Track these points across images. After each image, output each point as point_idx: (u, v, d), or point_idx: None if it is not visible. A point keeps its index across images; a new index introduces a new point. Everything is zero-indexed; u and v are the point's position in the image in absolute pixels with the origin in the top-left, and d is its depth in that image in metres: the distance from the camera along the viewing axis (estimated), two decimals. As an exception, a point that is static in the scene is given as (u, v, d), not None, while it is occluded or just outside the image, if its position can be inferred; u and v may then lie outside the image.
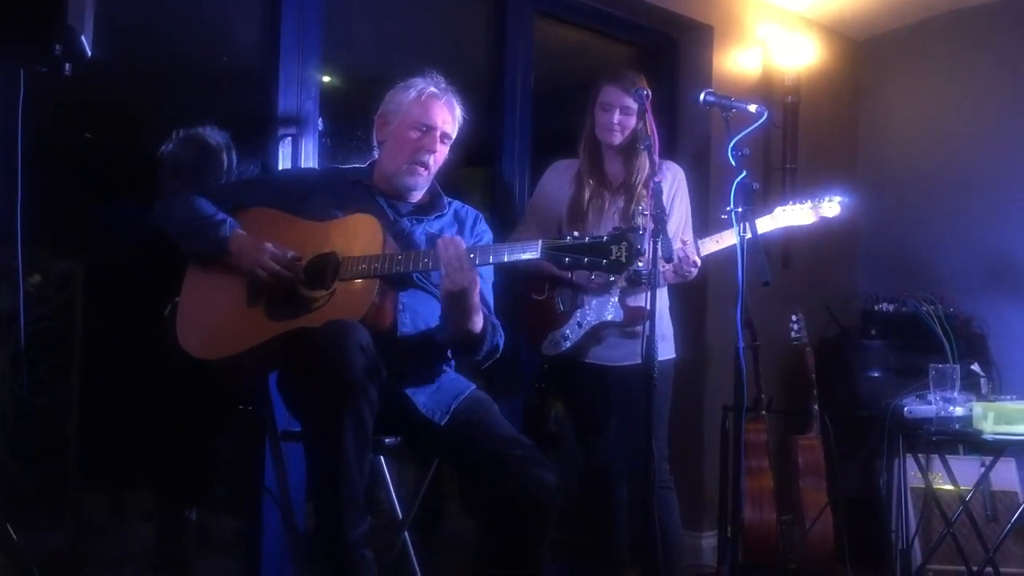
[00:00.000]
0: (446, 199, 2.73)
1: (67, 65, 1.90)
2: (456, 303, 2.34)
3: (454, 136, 2.68)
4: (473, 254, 2.33)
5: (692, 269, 3.02)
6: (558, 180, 3.28)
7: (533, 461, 2.34)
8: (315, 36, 3.24)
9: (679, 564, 3.34)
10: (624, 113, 3.09)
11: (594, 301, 3.15)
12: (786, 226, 3.18)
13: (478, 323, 2.41)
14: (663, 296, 3.22)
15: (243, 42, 3.29)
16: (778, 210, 3.17)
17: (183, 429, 3.15)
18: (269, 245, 2.41)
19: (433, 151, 2.61)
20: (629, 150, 3.14)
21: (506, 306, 2.94)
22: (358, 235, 2.43)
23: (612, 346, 3.17)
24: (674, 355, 3.25)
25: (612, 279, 2.67)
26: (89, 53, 1.91)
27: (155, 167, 3.05)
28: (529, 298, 3.26)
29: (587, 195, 3.17)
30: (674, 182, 3.22)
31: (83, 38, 1.88)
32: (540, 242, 2.27)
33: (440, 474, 2.74)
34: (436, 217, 2.68)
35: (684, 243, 3.01)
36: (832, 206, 3.16)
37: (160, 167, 3.06)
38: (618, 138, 3.13)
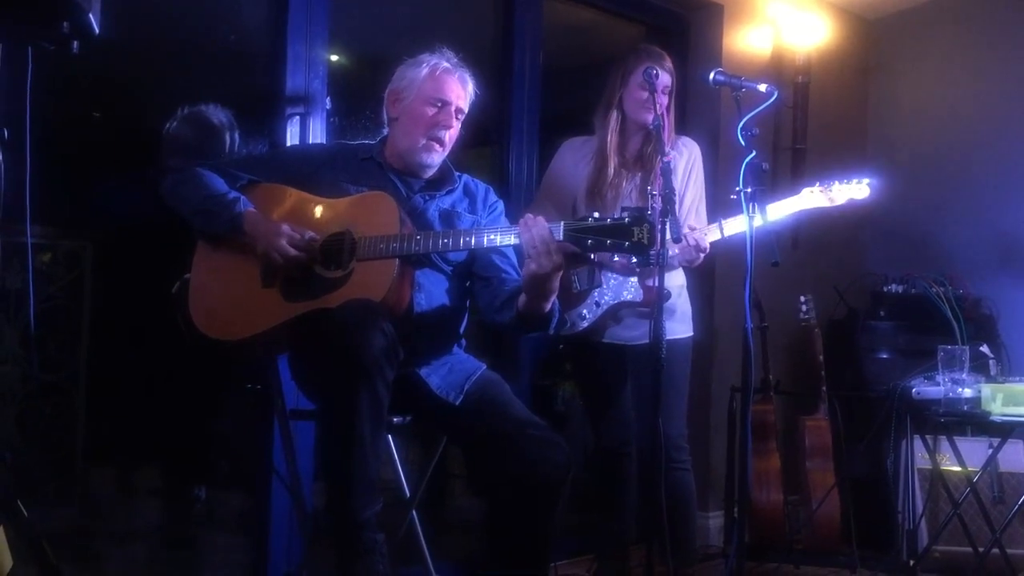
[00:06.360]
0: (456, 173, 2.70)
1: (75, 43, 1.90)
2: (539, 286, 2.28)
3: (466, 111, 2.65)
4: (494, 235, 2.32)
5: (698, 255, 3.00)
6: (573, 157, 3.25)
7: (547, 441, 2.34)
8: (323, 15, 3.23)
9: (692, 545, 3.34)
10: (664, 93, 3.06)
11: (612, 281, 3.13)
12: (813, 207, 3.10)
13: (552, 301, 2.36)
14: (679, 275, 3.20)
15: (251, 21, 3.28)
16: (806, 191, 3.08)
17: (191, 407, 3.16)
18: (286, 227, 2.39)
19: (449, 127, 2.59)
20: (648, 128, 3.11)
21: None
22: (374, 213, 2.41)
23: (630, 326, 3.14)
24: (691, 333, 3.24)
25: (635, 260, 2.66)
26: (97, 31, 1.91)
27: (161, 145, 3.05)
28: None
29: (611, 171, 3.14)
30: (691, 158, 3.19)
31: (91, 16, 1.87)
32: (561, 224, 2.24)
33: (445, 453, 2.73)
34: (447, 192, 2.66)
35: (692, 229, 2.98)
36: (861, 188, 3.05)
37: (163, 144, 3.05)
38: (652, 117, 3.08)
